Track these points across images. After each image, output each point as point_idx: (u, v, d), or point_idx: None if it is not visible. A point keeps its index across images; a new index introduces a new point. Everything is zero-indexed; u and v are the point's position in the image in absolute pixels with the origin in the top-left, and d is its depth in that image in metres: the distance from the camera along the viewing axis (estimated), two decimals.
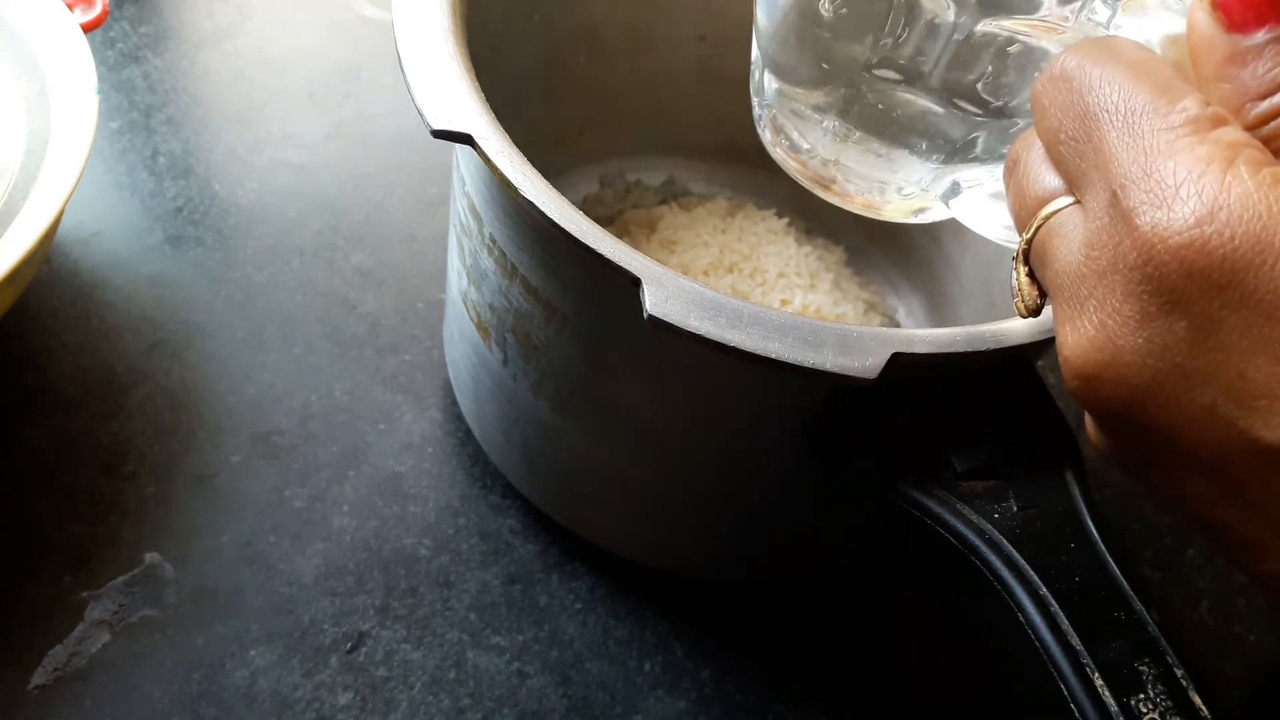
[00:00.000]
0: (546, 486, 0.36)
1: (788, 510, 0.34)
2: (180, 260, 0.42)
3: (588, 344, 0.30)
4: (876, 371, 0.25)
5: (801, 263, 0.41)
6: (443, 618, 0.35)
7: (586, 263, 0.25)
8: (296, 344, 0.40)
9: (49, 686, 0.31)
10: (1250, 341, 0.18)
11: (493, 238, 0.31)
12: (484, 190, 0.30)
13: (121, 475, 0.36)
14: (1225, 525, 0.20)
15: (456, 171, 0.33)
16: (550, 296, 0.30)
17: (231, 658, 0.33)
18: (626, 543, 0.36)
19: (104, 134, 0.46)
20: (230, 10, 0.52)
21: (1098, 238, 0.20)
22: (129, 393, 0.38)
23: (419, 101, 0.27)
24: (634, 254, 0.25)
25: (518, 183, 0.26)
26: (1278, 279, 0.18)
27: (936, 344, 0.26)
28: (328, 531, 0.36)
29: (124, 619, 0.33)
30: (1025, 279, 0.23)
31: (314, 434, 0.38)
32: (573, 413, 0.32)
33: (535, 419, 0.34)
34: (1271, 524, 0.19)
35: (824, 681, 0.35)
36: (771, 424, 0.30)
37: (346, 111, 0.49)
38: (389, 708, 0.33)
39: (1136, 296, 0.19)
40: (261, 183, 0.45)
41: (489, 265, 0.31)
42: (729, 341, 0.24)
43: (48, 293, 0.40)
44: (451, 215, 0.35)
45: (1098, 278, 0.20)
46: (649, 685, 0.34)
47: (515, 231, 0.29)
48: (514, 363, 0.33)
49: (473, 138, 0.26)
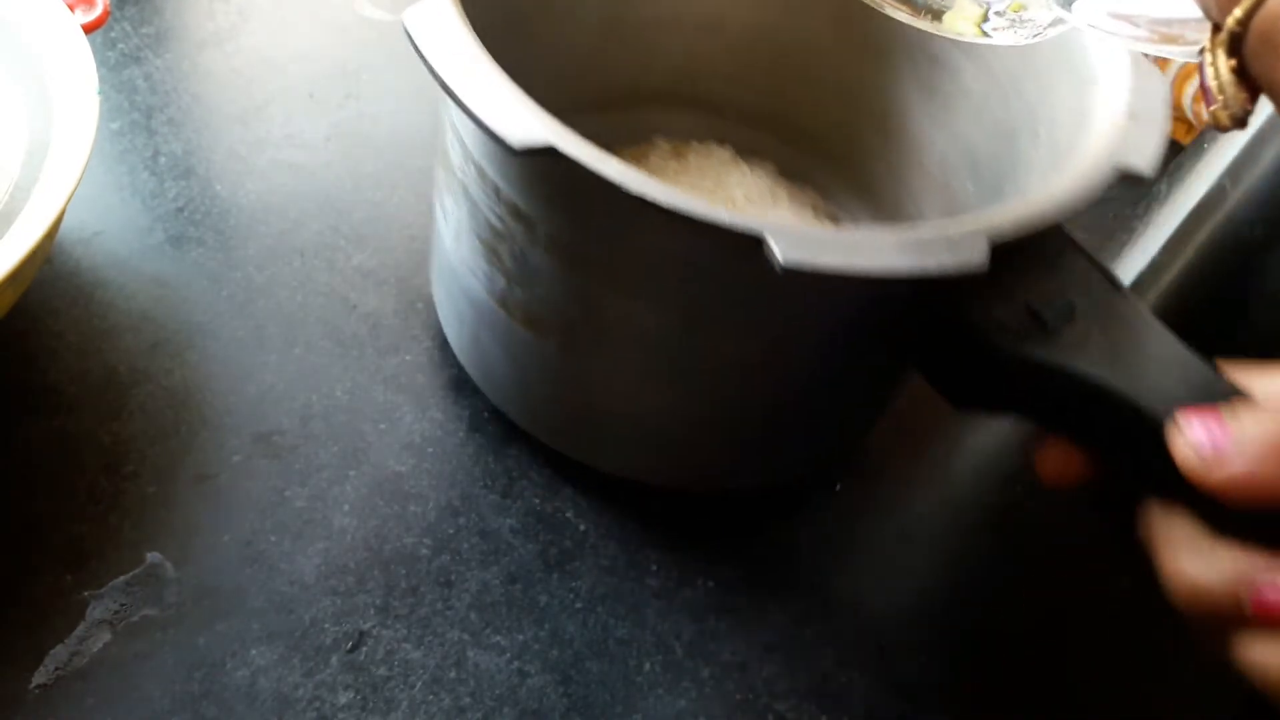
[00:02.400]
0: (552, 416, 0.38)
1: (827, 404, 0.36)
2: (181, 260, 0.42)
3: (682, 309, 0.32)
4: (985, 261, 0.26)
5: (755, 184, 0.44)
6: (443, 617, 0.35)
7: (687, 230, 0.26)
8: (297, 344, 0.40)
9: (50, 686, 0.31)
10: None
11: (550, 236, 0.31)
12: (526, 180, 0.31)
13: (122, 475, 0.36)
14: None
15: (469, 168, 0.33)
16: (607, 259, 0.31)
17: (232, 657, 0.33)
18: (641, 462, 0.38)
19: (105, 134, 0.46)
20: (231, 11, 0.52)
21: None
22: (130, 392, 0.38)
23: (491, 124, 0.27)
24: (740, 215, 0.26)
25: (621, 181, 0.27)
26: None
27: (1018, 225, 0.28)
28: (328, 531, 0.36)
29: (125, 618, 0.33)
30: (1229, 76, 0.17)
31: (315, 434, 0.38)
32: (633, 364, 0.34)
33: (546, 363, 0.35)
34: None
35: (824, 681, 0.36)
36: (849, 330, 0.32)
37: (347, 112, 0.49)
38: (389, 707, 0.33)
39: None
40: (262, 183, 0.45)
41: (540, 260, 0.32)
42: (859, 268, 0.26)
43: (49, 293, 0.40)
44: (465, 214, 0.35)
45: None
46: (649, 685, 0.34)
47: (571, 217, 0.31)
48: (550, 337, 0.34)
49: (556, 148, 0.27)
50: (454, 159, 0.34)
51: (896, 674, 0.36)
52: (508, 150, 0.27)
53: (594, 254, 0.31)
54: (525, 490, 0.38)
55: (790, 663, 0.36)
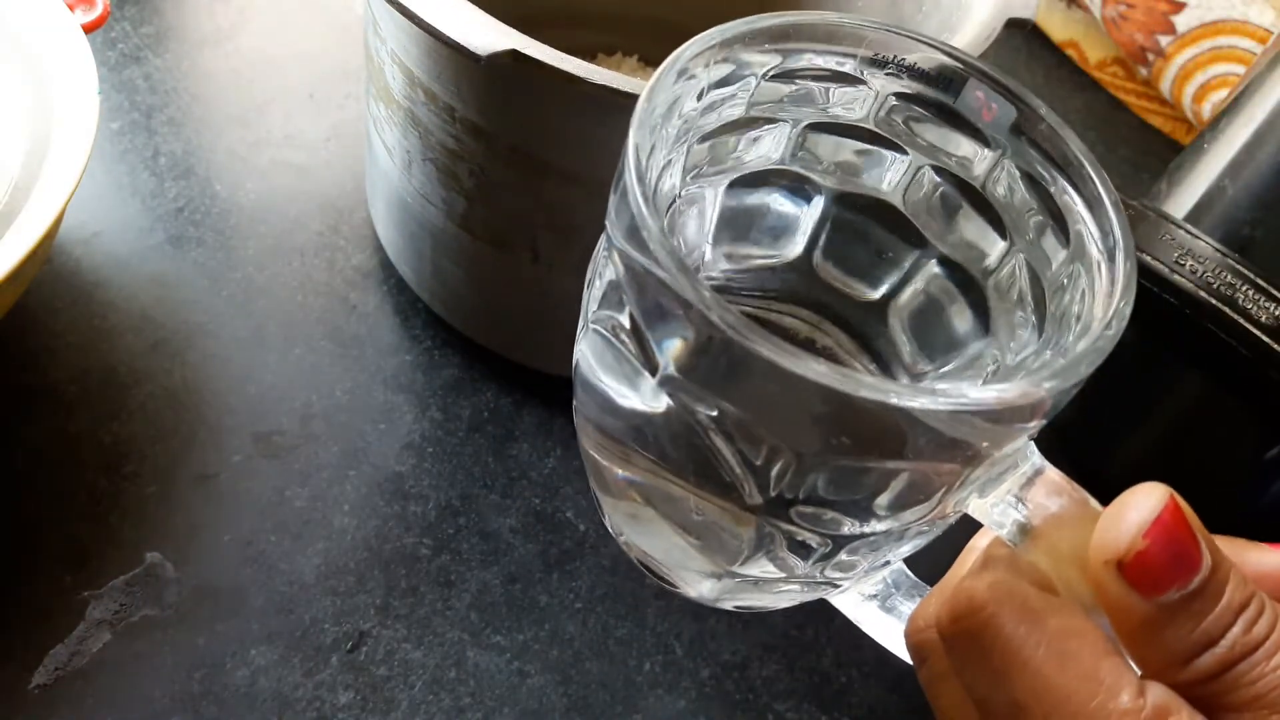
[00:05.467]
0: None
1: None
2: (181, 260, 0.42)
3: None
4: None
5: None
6: (443, 617, 0.35)
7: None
8: (297, 344, 0.40)
9: (50, 686, 0.31)
10: None
11: (512, 148, 0.31)
12: (484, 93, 0.31)
13: (122, 475, 0.36)
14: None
15: (416, 93, 0.33)
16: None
17: (232, 657, 0.33)
18: None
19: (105, 134, 0.46)
20: (231, 11, 0.52)
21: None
22: (130, 392, 0.38)
23: (454, 36, 0.28)
24: None
25: (586, 75, 0.27)
26: None
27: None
28: (328, 531, 0.36)
29: (125, 618, 0.33)
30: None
31: (315, 434, 0.38)
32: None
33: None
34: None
35: (824, 681, 0.36)
36: None
37: (347, 112, 0.49)
38: (389, 707, 0.33)
39: None
40: (262, 183, 0.45)
41: (502, 175, 0.32)
42: None
43: (49, 292, 0.40)
44: (416, 143, 0.35)
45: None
46: (649, 685, 0.34)
47: (533, 122, 0.31)
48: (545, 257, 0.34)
49: (519, 51, 0.27)
50: (396, 90, 0.34)
51: (896, 674, 0.36)
52: (472, 60, 0.27)
53: (556, 158, 0.31)
54: (525, 490, 0.38)
55: (790, 663, 0.36)
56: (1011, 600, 0.20)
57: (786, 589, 0.24)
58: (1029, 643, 0.19)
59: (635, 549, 0.26)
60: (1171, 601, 0.19)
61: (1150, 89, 0.60)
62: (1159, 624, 0.19)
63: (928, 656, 0.23)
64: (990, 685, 0.20)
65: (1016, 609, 0.20)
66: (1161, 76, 0.58)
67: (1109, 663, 0.19)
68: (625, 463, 0.23)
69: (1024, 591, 0.20)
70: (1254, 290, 0.32)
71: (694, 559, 0.24)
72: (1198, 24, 0.55)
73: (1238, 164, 0.37)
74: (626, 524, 0.25)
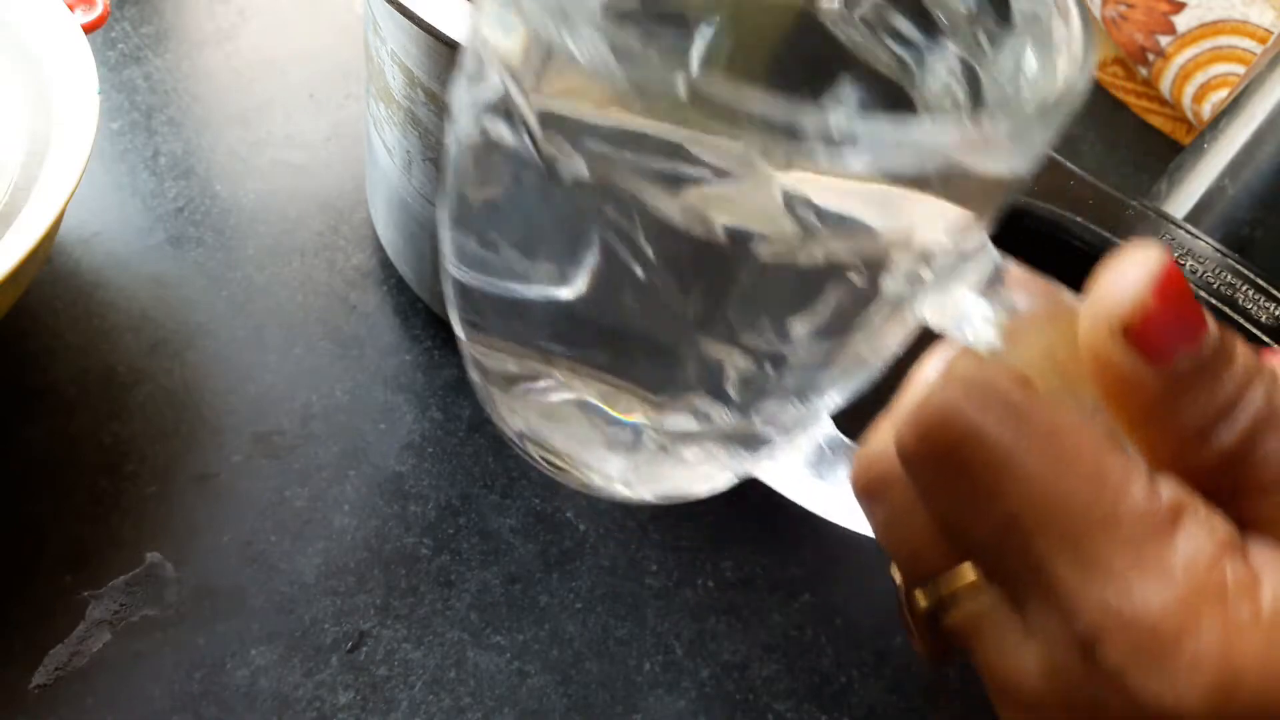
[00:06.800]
0: None
1: None
2: (181, 260, 0.42)
3: None
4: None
5: None
6: (443, 617, 0.35)
7: None
8: (297, 344, 0.40)
9: (50, 686, 0.31)
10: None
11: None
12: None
13: (122, 475, 0.36)
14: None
15: (417, 93, 0.33)
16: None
17: (232, 657, 0.33)
18: None
19: (105, 134, 0.46)
20: (231, 11, 0.52)
21: (1065, 677, 0.17)
22: (130, 392, 0.38)
23: (453, 35, 0.28)
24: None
25: None
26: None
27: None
28: (328, 531, 0.36)
29: (125, 618, 0.33)
30: (926, 636, 0.19)
31: (315, 434, 0.38)
32: None
33: None
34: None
35: (824, 681, 0.36)
36: None
37: (347, 112, 0.49)
38: (389, 707, 0.33)
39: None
40: (262, 183, 0.45)
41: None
42: None
43: (49, 293, 0.40)
44: (416, 143, 0.35)
45: (1070, 712, 0.17)
46: (649, 685, 0.34)
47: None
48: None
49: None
50: (396, 90, 0.34)
51: (896, 674, 0.36)
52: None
53: None
54: (525, 490, 0.38)
55: (790, 663, 0.36)
56: (992, 401, 0.17)
57: (706, 465, 0.21)
58: (1019, 448, 0.16)
59: (536, 445, 0.23)
60: (1184, 370, 0.16)
61: (1150, 89, 0.60)
62: (1171, 398, 0.16)
63: (885, 492, 0.19)
64: (973, 507, 0.17)
65: (999, 410, 0.16)
66: (1161, 76, 0.58)
67: (1114, 459, 0.16)
68: (543, 361, 0.20)
69: (1005, 388, 0.17)
70: (1254, 290, 0.32)
71: (600, 432, 0.21)
72: (1198, 24, 0.56)
73: (1238, 164, 0.37)
74: (531, 418, 0.22)
